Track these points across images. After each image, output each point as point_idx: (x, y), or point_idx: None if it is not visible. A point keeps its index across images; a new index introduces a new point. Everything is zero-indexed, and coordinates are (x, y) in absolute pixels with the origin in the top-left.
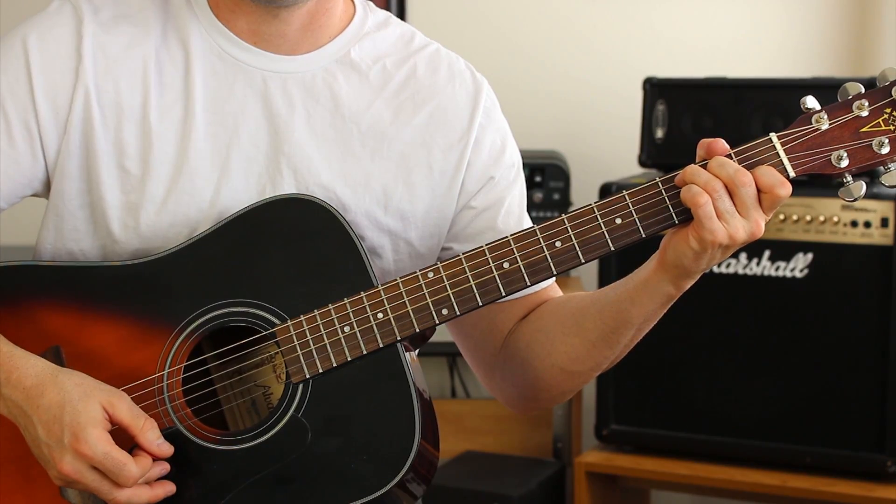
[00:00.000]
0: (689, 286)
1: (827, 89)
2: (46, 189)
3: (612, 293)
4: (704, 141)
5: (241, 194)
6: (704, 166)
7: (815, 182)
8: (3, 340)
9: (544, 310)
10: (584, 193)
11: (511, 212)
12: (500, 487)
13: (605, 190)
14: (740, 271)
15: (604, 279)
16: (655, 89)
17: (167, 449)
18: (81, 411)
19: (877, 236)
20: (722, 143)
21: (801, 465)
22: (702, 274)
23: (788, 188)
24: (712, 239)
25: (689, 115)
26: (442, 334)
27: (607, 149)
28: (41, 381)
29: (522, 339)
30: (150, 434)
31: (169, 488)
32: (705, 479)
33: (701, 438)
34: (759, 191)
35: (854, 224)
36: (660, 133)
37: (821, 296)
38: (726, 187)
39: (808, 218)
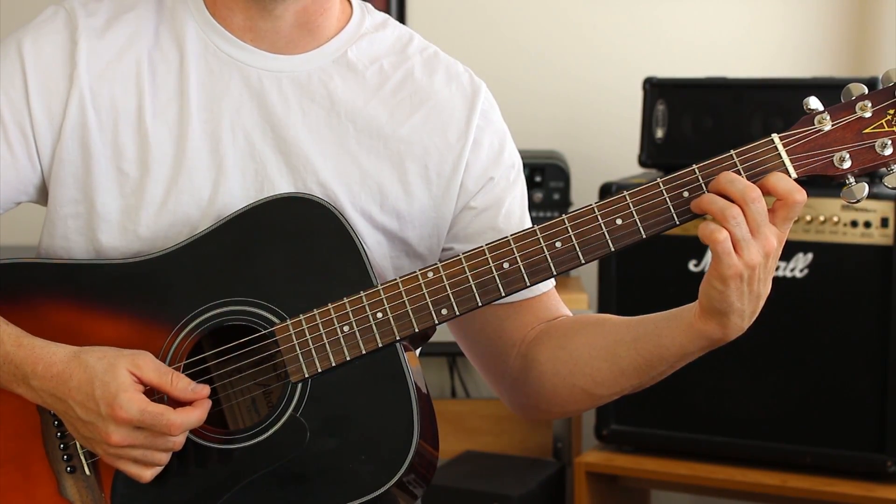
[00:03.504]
0: (736, 332)
1: (827, 89)
2: (41, 195)
3: (653, 327)
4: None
5: (238, 192)
6: (707, 175)
7: (816, 182)
8: (22, 333)
9: (570, 328)
10: (584, 193)
11: (512, 212)
12: (500, 487)
13: (605, 190)
14: None
15: (604, 280)
16: (655, 89)
17: (203, 390)
18: (109, 381)
19: (877, 236)
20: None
21: (801, 465)
22: (750, 320)
23: (804, 194)
24: (731, 273)
25: (689, 115)
26: (442, 334)
27: (607, 149)
28: (66, 365)
29: (544, 354)
30: (180, 385)
31: (205, 401)
32: (705, 479)
33: (701, 438)
34: (773, 203)
35: (854, 224)
36: (660, 133)
37: (821, 296)
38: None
39: (808, 218)
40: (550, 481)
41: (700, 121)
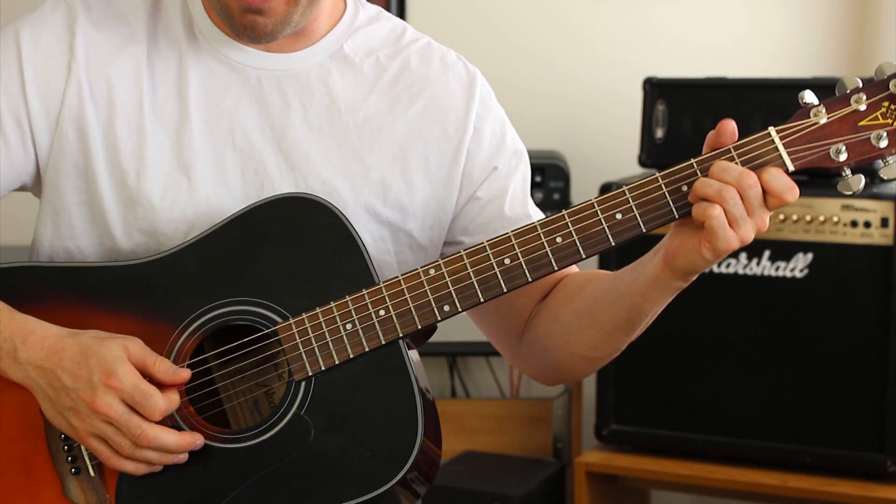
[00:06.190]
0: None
1: (827, 89)
2: (35, 183)
3: (623, 286)
4: (711, 135)
5: (238, 191)
6: (705, 169)
7: (815, 182)
8: (15, 310)
9: (559, 296)
10: (584, 193)
11: (516, 197)
12: (500, 487)
13: (605, 190)
14: (740, 271)
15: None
16: (655, 89)
17: (184, 374)
18: (105, 353)
19: (877, 236)
20: (730, 126)
21: (801, 465)
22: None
23: (796, 192)
24: (726, 247)
25: (689, 115)
26: (442, 334)
27: (607, 149)
28: (59, 339)
29: (540, 328)
30: (162, 365)
31: (198, 440)
32: (705, 479)
33: (701, 438)
34: (765, 193)
35: (854, 224)
36: (660, 133)
37: (821, 296)
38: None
39: (808, 218)
40: (550, 481)
41: (700, 121)
